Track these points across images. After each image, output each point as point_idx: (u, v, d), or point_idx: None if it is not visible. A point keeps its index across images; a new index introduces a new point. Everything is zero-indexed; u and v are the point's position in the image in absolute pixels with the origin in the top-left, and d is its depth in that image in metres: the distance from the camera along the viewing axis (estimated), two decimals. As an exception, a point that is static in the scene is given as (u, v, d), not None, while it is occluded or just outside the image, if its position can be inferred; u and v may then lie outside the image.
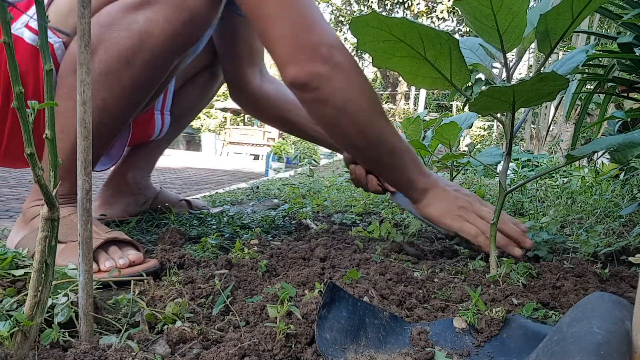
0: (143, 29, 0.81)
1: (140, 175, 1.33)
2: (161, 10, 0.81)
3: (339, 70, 0.82)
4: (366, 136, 0.87)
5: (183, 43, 0.87)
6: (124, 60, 0.82)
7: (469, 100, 0.74)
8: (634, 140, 0.77)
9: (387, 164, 0.92)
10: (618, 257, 0.92)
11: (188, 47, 0.90)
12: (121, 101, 0.85)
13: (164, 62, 0.87)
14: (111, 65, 0.81)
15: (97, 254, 0.79)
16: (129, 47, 0.81)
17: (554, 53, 0.77)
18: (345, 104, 0.83)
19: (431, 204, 0.94)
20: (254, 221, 1.34)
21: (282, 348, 0.51)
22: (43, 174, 0.45)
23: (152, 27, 0.81)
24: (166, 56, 0.86)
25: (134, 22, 0.81)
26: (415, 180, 0.92)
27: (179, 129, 1.37)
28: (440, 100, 15.90)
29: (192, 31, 0.86)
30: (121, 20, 0.81)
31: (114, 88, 0.83)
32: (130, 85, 0.84)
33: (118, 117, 0.88)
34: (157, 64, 0.85)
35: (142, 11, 0.81)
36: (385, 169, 0.94)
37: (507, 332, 0.56)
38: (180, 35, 0.84)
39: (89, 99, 0.50)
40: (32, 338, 0.48)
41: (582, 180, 2.00)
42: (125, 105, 0.87)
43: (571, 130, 4.92)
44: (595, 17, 3.68)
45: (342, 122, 0.85)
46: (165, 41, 0.83)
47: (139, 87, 0.87)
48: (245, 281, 0.75)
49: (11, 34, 0.40)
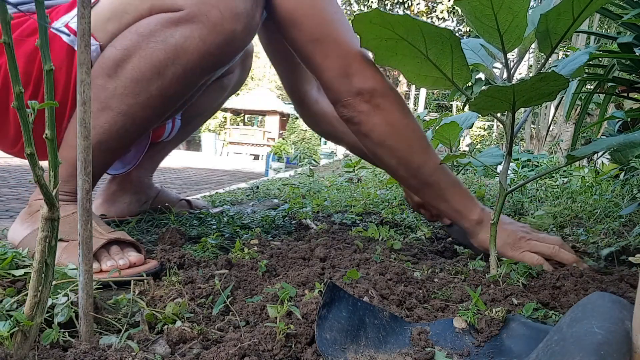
0: (179, 44, 0.83)
1: (144, 174, 1.35)
2: (198, 29, 0.83)
3: (379, 109, 0.92)
4: (406, 169, 0.95)
5: (214, 63, 0.89)
6: (156, 70, 0.84)
7: (470, 99, 0.74)
8: (634, 140, 0.77)
9: (431, 194, 0.97)
10: (618, 257, 0.92)
11: (218, 67, 0.92)
12: (146, 110, 0.87)
13: (194, 78, 0.89)
14: (143, 73, 0.83)
15: (99, 254, 0.79)
16: (162, 59, 0.83)
17: (554, 53, 0.77)
18: (385, 139, 0.93)
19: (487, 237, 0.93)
20: (254, 221, 1.35)
21: (282, 348, 0.51)
22: (43, 174, 0.45)
23: (188, 43, 0.83)
24: (196, 73, 0.88)
25: (170, 36, 0.83)
26: (465, 211, 0.95)
27: (186, 132, 1.38)
28: (440, 100, 15.91)
29: (225, 53, 0.88)
30: (159, 33, 0.83)
31: (141, 96, 0.85)
32: (157, 95, 0.86)
33: (140, 124, 0.89)
34: (186, 79, 0.87)
35: (180, 27, 0.83)
36: (431, 198, 0.99)
37: (507, 332, 0.56)
38: (213, 55, 0.86)
39: (89, 99, 0.50)
40: (32, 338, 0.48)
41: (582, 180, 2.00)
42: (149, 114, 0.89)
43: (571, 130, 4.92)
44: (595, 17, 3.68)
45: (383, 154, 0.96)
46: (198, 58, 0.85)
47: (165, 99, 0.88)
48: (245, 281, 0.75)
49: (11, 33, 0.40)
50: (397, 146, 0.94)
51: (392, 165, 0.97)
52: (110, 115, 0.84)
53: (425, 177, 0.95)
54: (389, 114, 0.93)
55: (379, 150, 0.95)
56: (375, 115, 0.92)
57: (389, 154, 0.95)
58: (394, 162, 0.96)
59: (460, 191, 0.96)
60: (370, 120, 0.92)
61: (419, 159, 0.94)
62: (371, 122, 0.92)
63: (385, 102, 0.92)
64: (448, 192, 0.95)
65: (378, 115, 0.92)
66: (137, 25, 0.85)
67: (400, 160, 0.95)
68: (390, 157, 0.95)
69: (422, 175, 0.95)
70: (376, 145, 0.95)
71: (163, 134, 1.27)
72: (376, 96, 0.92)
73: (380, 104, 0.92)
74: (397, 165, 0.96)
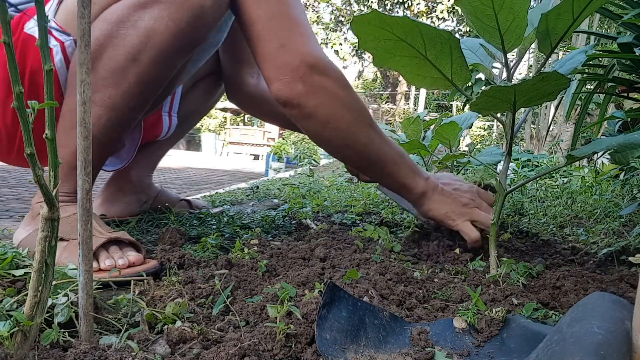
0: (149, 27, 0.82)
1: (143, 174, 1.34)
2: (167, 8, 0.82)
3: (318, 89, 0.86)
4: (353, 148, 0.92)
5: (189, 41, 0.88)
6: (131, 57, 0.83)
7: (470, 100, 0.74)
8: (634, 141, 0.77)
9: (378, 172, 0.96)
10: (618, 257, 0.92)
11: (194, 46, 0.91)
12: (128, 99, 0.86)
13: (170, 60, 0.88)
14: (118, 61, 0.83)
15: (98, 253, 0.79)
16: (136, 44, 0.82)
17: (554, 53, 0.77)
18: (329, 120, 0.88)
19: (432, 208, 0.97)
20: (254, 221, 1.34)
21: (282, 348, 0.51)
22: (43, 174, 0.45)
23: (158, 24, 0.82)
24: (172, 54, 0.87)
25: (140, 19, 0.82)
26: (411, 185, 0.95)
27: (183, 131, 1.38)
28: (440, 100, 15.91)
29: (196, 29, 0.86)
30: (128, 18, 0.82)
31: (121, 85, 0.84)
32: (136, 82, 0.85)
33: (125, 115, 0.88)
34: (163, 61, 0.86)
35: (149, 9, 0.82)
36: (378, 176, 0.98)
37: (507, 332, 0.56)
38: (185, 33, 0.85)
39: (88, 99, 0.50)
40: (32, 338, 0.48)
41: (582, 180, 2.00)
42: (133, 103, 0.88)
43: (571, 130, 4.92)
44: (595, 17, 3.68)
45: (327, 136, 0.91)
46: (171, 39, 0.84)
47: (146, 85, 0.87)
48: (245, 281, 0.75)
49: (11, 34, 0.40)
50: (342, 126, 0.89)
51: (337, 147, 0.93)
52: (94, 110, 0.83)
53: (372, 155, 0.92)
54: (331, 92, 0.87)
55: (324, 133, 0.90)
56: (315, 95, 0.86)
57: (334, 135, 0.90)
58: (339, 143, 0.92)
59: (405, 165, 0.95)
60: (311, 101, 0.86)
61: (365, 136, 0.91)
62: (312, 103, 0.86)
63: (325, 79, 0.86)
64: (393, 168, 0.94)
65: (319, 94, 0.86)
66: (105, 13, 0.84)
67: (346, 140, 0.91)
68: (336, 138, 0.91)
69: (369, 153, 0.92)
70: (319, 128, 0.89)
71: (161, 132, 1.27)
72: (315, 73, 0.85)
73: (321, 82, 0.86)
74: (344, 146, 0.92)
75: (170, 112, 1.27)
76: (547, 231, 1.24)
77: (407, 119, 1.61)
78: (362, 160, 0.94)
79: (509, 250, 1.04)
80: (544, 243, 1.12)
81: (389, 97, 18.19)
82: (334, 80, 0.88)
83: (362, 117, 0.91)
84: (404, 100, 17.31)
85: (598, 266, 0.90)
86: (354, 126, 0.90)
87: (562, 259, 0.97)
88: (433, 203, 0.97)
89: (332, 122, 0.88)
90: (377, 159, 0.93)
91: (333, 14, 15.98)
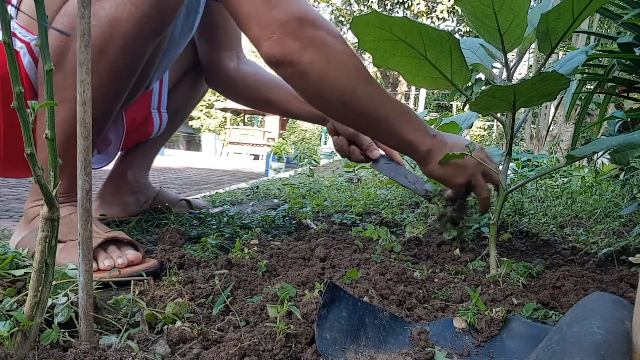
0: (111, 15, 0.80)
1: (139, 173, 1.34)
2: None
3: (311, 43, 0.79)
4: (352, 106, 0.85)
5: (155, 26, 0.85)
6: (97, 49, 0.80)
7: (470, 100, 0.74)
8: (634, 141, 0.77)
9: (380, 130, 0.90)
10: (618, 257, 0.92)
11: (161, 30, 0.88)
12: (101, 91, 0.84)
13: (138, 47, 0.86)
14: None
15: (96, 253, 0.79)
16: (100, 35, 0.80)
17: (554, 53, 0.77)
18: (324, 76, 0.81)
19: (438, 167, 0.91)
20: (254, 221, 1.34)
21: (282, 348, 0.51)
22: (43, 174, 0.45)
23: (120, 12, 0.80)
24: (139, 41, 0.84)
25: (100, 9, 0.80)
26: (416, 143, 0.89)
27: (174, 126, 1.38)
28: (440, 100, 15.91)
29: (162, 12, 0.84)
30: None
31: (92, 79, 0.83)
32: (107, 74, 0.83)
33: (101, 108, 0.86)
34: (131, 49, 0.84)
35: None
36: (380, 135, 0.92)
37: (507, 332, 0.56)
38: (150, 18, 0.82)
39: (89, 99, 0.50)
40: (32, 338, 0.48)
41: (582, 180, 2.00)
42: (106, 95, 0.86)
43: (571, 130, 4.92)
44: (595, 17, 3.68)
45: (324, 94, 0.84)
46: (136, 25, 0.82)
47: (117, 75, 0.85)
48: (245, 281, 0.75)
49: (11, 33, 0.40)
50: (339, 82, 0.83)
51: (335, 106, 0.86)
52: (68, 107, 0.81)
53: (374, 112, 0.86)
54: (324, 45, 0.81)
55: (319, 90, 0.83)
56: (308, 50, 0.79)
57: (331, 92, 0.83)
58: (337, 102, 0.85)
59: (410, 122, 0.89)
60: (305, 57, 0.79)
61: (365, 92, 0.84)
62: (306, 59, 0.79)
63: (317, 32, 0.80)
64: (398, 124, 0.88)
65: (312, 49, 0.79)
66: (65, 6, 0.82)
67: (345, 98, 0.84)
68: (333, 96, 0.84)
69: (371, 111, 0.85)
70: (316, 85, 0.82)
71: (152, 130, 1.25)
72: (306, 26, 0.79)
73: (313, 35, 0.79)
74: (341, 104, 0.85)
75: (159, 109, 1.25)
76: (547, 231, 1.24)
77: (407, 119, 1.61)
78: (362, 119, 0.87)
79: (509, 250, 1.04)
80: (544, 243, 1.12)
81: (389, 97, 18.14)
82: (326, 32, 0.82)
83: (359, 73, 0.84)
84: (404, 100, 17.31)
85: (598, 266, 0.90)
86: (351, 82, 0.83)
87: (562, 259, 0.97)
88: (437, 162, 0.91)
89: (328, 78, 0.82)
90: (379, 116, 0.86)
91: (333, 14, 15.99)
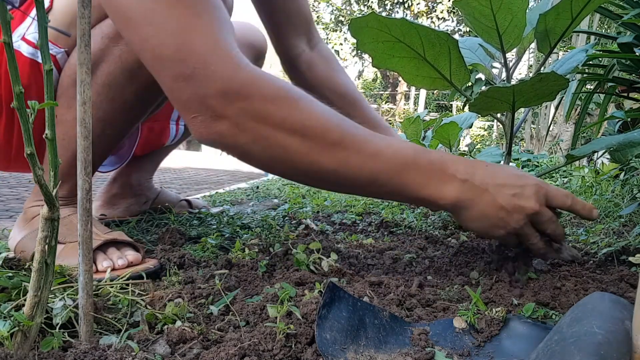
0: None
1: (144, 177, 1.34)
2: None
3: (244, 120, 0.61)
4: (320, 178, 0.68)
5: None
6: (128, 74, 0.80)
7: (469, 100, 0.74)
8: (633, 140, 0.77)
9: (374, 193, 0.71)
10: (618, 257, 0.92)
11: None
12: (124, 113, 0.84)
13: None
14: (115, 78, 0.80)
15: (95, 255, 0.79)
16: (133, 62, 0.79)
17: (554, 53, 0.77)
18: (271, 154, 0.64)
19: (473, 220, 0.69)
20: (254, 221, 1.34)
21: (282, 348, 0.51)
22: (43, 174, 0.45)
23: None
24: None
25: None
26: (433, 198, 0.68)
27: (187, 134, 1.37)
28: (440, 100, 15.91)
29: None
30: None
31: (117, 101, 0.81)
32: (133, 99, 0.83)
33: (120, 128, 0.87)
34: None
35: None
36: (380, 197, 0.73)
37: (507, 332, 0.56)
38: None
39: (89, 99, 0.50)
40: (32, 338, 0.48)
41: (582, 180, 2.00)
42: (127, 117, 0.86)
43: (571, 130, 4.92)
44: (595, 17, 3.68)
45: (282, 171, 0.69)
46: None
47: (142, 101, 0.85)
48: (245, 281, 0.75)
49: (11, 33, 0.40)
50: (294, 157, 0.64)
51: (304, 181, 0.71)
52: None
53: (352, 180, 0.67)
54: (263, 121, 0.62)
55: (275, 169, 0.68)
56: (243, 133, 0.62)
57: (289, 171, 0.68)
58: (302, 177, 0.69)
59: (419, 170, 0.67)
60: (240, 138, 0.62)
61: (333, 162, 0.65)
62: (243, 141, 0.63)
63: (250, 104, 0.61)
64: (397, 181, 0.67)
65: (248, 128, 0.62)
66: (100, 26, 0.81)
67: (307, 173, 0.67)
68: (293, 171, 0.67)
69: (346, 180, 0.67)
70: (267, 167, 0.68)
71: (166, 141, 1.26)
72: (232, 101, 0.60)
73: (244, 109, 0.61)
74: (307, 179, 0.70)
75: (177, 121, 1.25)
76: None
77: (407, 119, 1.61)
78: (341, 187, 0.71)
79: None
80: (544, 243, 1.12)
81: (389, 97, 18.19)
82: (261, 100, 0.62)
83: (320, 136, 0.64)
84: (404, 100, 17.32)
85: (598, 266, 0.90)
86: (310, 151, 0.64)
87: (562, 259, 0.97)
88: (473, 214, 0.68)
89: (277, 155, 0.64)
90: (361, 181, 0.67)
91: (333, 14, 16.00)
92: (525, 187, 0.67)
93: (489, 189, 0.67)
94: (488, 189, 0.67)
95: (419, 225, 1.29)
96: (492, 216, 0.67)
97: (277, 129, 0.63)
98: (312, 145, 0.64)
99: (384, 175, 0.67)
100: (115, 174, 1.32)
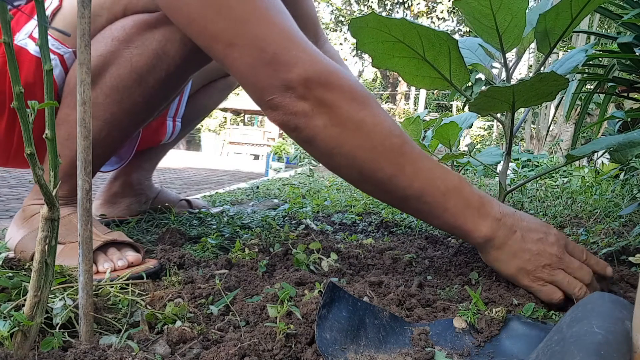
0: (159, 49, 0.79)
1: (144, 176, 1.34)
2: (178, 30, 0.77)
3: (322, 106, 0.66)
4: (373, 182, 0.70)
5: (198, 62, 0.85)
6: (137, 77, 0.80)
7: (469, 100, 0.74)
8: (633, 139, 0.77)
9: (413, 210, 0.73)
10: (618, 257, 0.92)
11: (202, 65, 0.88)
12: (130, 116, 0.84)
13: (178, 80, 0.86)
14: (124, 81, 0.80)
15: (96, 256, 0.79)
16: (143, 66, 0.79)
17: (553, 53, 0.77)
18: (336, 146, 0.68)
19: (501, 260, 0.70)
20: (254, 221, 1.35)
21: (282, 348, 0.51)
22: (43, 173, 0.45)
23: (169, 47, 0.79)
24: (180, 75, 0.84)
25: (149, 40, 0.79)
26: (467, 228, 0.70)
27: (185, 133, 1.38)
28: (440, 100, 15.92)
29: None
30: (137, 38, 0.79)
31: (125, 103, 0.82)
32: (141, 102, 0.83)
33: (126, 130, 0.87)
34: (170, 82, 0.84)
35: (159, 29, 0.78)
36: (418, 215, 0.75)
37: (507, 332, 0.56)
38: (197, 53, 0.81)
39: (89, 98, 0.50)
40: (32, 338, 0.48)
41: (582, 180, 2.00)
42: (134, 120, 0.87)
43: (571, 130, 4.92)
44: (595, 17, 3.68)
45: (338, 165, 0.71)
46: (180, 61, 0.81)
47: (150, 104, 0.86)
48: (245, 281, 0.75)
49: (11, 33, 0.40)
50: (354, 154, 0.68)
51: (354, 179, 0.73)
52: (95, 124, 0.80)
53: (402, 190, 0.69)
54: (337, 110, 0.67)
55: (332, 161, 0.70)
56: (317, 116, 0.66)
57: (345, 164, 0.70)
58: (354, 175, 0.72)
59: (459, 199, 0.69)
60: (312, 122, 0.67)
61: (390, 166, 0.68)
62: (314, 126, 0.67)
63: (330, 94, 0.66)
64: (440, 204, 0.69)
65: (321, 115, 0.66)
66: (111, 28, 0.81)
67: (362, 171, 0.70)
68: (350, 168, 0.70)
69: (397, 188, 0.69)
70: (325, 156, 0.70)
71: (163, 138, 1.26)
72: (314, 87, 0.65)
73: (323, 97, 0.66)
74: (360, 178, 0.71)
75: (174, 118, 1.26)
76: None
77: (407, 119, 1.61)
78: (390, 196, 0.72)
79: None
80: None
81: (389, 97, 18.20)
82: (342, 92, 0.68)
83: (383, 141, 0.68)
84: (404, 100, 17.32)
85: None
86: (373, 154, 0.68)
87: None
88: (502, 254, 0.70)
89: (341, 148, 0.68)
90: (411, 193, 0.69)
91: (333, 14, 16.00)
92: (549, 235, 0.70)
93: (518, 231, 0.69)
94: (517, 231, 0.69)
95: (419, 225, 1.29)
96: (520, 257, 0.69)
97: (348, 122, 0.67)
98: (376, 145, 0.68)
99: (431, 192, 0.69)
100: (115, 173, 1.32)
